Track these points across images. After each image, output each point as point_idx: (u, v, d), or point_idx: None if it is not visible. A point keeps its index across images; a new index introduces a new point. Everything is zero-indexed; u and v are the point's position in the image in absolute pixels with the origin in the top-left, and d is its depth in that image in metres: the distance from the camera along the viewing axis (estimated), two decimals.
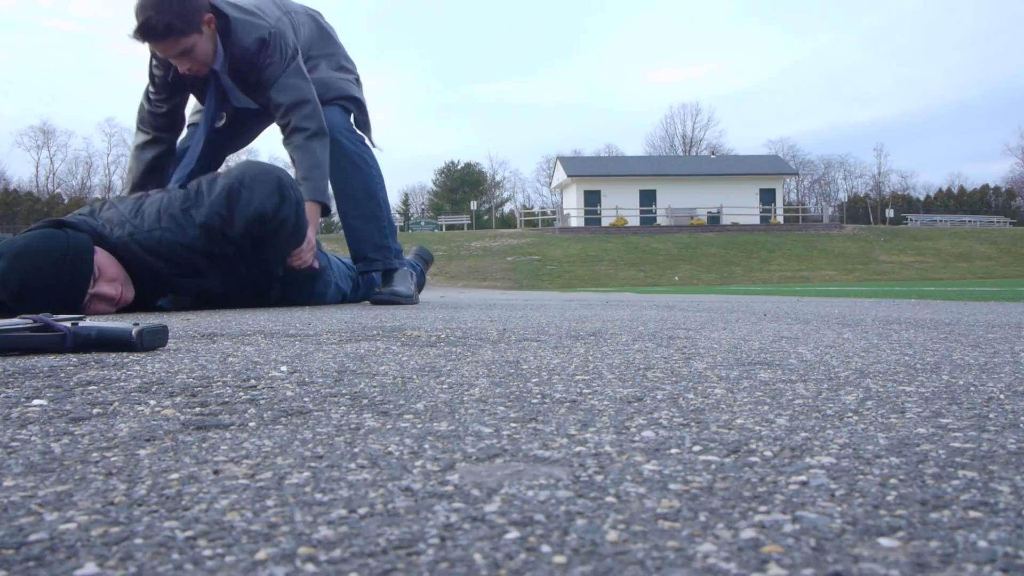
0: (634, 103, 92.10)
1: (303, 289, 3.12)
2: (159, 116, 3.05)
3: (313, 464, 0.53)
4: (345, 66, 3.30)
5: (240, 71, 2.90)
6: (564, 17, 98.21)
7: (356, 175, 3.19)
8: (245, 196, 2.56)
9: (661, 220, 38.02)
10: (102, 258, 2.39)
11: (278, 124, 2.98)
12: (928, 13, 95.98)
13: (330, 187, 3.04)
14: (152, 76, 2.99)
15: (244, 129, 3.33)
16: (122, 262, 2.48)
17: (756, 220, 38.72)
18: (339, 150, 3.13)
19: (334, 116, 3.14)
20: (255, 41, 2.84)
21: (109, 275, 2.39)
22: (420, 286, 3.88)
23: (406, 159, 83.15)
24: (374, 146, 3.30)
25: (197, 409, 0.74)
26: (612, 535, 0.39)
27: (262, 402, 0.78)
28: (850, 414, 0.71)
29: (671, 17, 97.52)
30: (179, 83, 2.99)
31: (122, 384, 0.90)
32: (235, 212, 2.56)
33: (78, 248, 2.29)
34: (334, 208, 3.17)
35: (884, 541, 0.38)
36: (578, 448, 0.57)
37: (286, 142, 2.96)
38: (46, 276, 2.21)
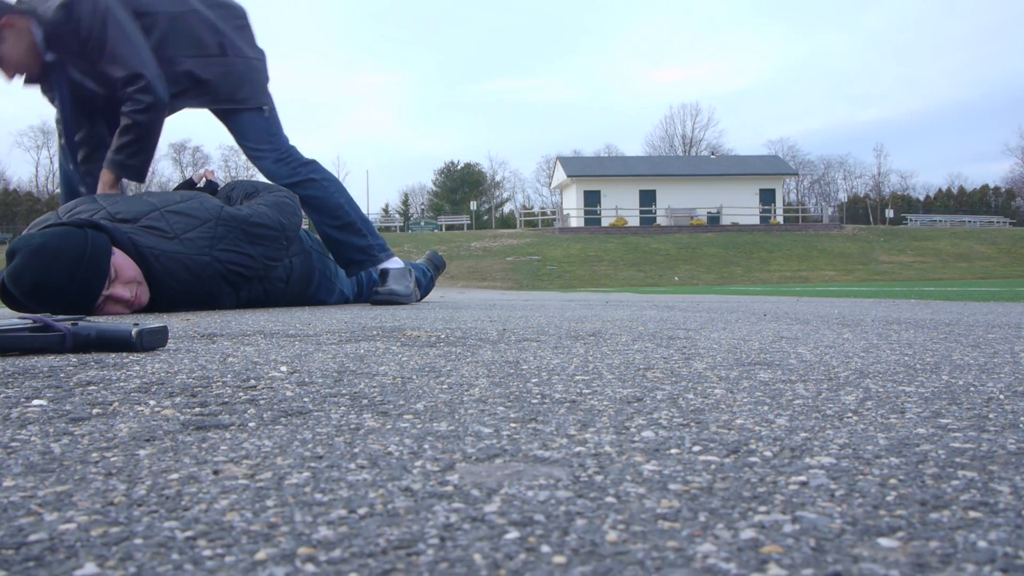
0: (634, 103, 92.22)
1: (308, 298, 3.15)
2: (59, 122, 3.05)
3: (313, 464, 0.53)
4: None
5: (60, 44, 2.78)
6: (565, 16, 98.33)
7: (313, 193, 3.14)
8: (291, 206, 2.88)
9: (661, 220, 38.03)
10: (120, 260, 2.35)
11: (119, 95, 2.87)
12: (929, 13, 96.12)
13: (143, 161, 2.92)
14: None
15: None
16: (148, 269, 2.44)
17: (756, 220, 38.73)
18: (285, 187, 3.07)
19: (267, 165, 3.10)
20: (56, 10, 2.72)
21: (125, 277, 2.35)
22: (428, 290, 3.87)
23: (406, 159, 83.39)
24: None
25: (197, 409, 0.74)
26: (612, 535, 0.39)
27: (262, 402, 0.78)
28: (850, 414, 0.71)
29: (672, 17, 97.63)
30: (49, 92, 2.97)
31: (122, 384, 0.90)
32: (287, 219, 2.84)
33: (95, 250, 2.26)
34: (130, 182, 3.01)
35: (884, 541, 0.38)
36: (578, 448, 0.57)
37: (122, 109, 2.86)
38: (60, 276, 2.19)
